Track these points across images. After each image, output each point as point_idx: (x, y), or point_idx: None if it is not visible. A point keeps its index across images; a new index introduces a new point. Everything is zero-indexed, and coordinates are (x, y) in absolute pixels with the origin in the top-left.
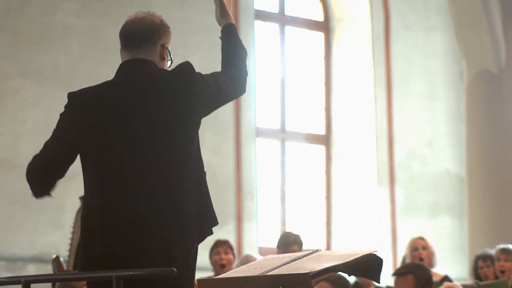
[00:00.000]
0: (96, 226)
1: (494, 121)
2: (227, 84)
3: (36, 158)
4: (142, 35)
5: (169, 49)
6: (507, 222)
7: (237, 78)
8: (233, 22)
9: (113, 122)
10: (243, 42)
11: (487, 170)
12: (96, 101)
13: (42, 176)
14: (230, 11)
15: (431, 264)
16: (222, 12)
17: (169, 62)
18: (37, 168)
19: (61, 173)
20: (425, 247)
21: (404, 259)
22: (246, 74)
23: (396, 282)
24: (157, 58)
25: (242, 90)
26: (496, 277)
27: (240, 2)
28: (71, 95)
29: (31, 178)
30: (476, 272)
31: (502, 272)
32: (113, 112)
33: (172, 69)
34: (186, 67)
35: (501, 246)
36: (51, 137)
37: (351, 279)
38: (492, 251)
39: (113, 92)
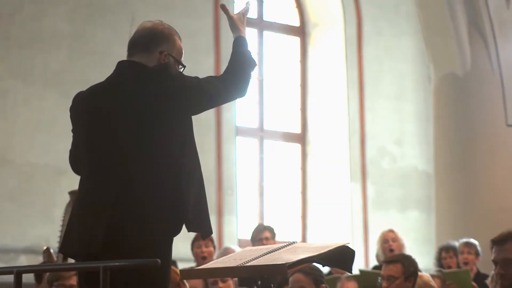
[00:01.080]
0: (72, 215)
1: (459, 121)
2: (218, 87)
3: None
4: (139, 43)
5: (173, 55)
6: (471, 216)
7: (231, 83)
8: (243, 34)
9: (94, 119)
10: (224, 46)
11: (453, 167)
12: (83, 101)
13: (73, 165)
14: (242, 25)
15: None
16: (231, 26)
17: (182, 68)
18: (70, 160)
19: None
20: (395, 239)
21: (377, 256)
22: (244, 82)
23: (384, 268)
24: (151, 63)
25: (235, 95)
26: (459, 267)
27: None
28: (74, 98)
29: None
30: (440, 263)
31: (466, 263)
32: (94, 110)
33: (153, 69)
34: (164, 68)
35: (464, 240)
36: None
37: (325, 269)
38: (455, 243)
39: (99, 92)
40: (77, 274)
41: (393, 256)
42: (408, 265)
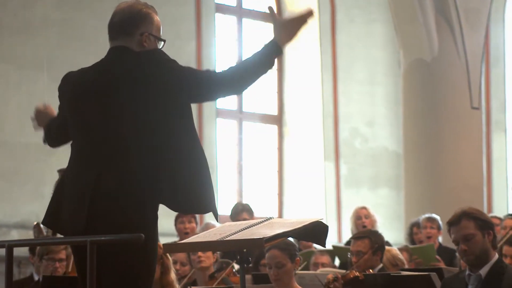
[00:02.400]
0: (56, 190)
1: (427, 104)
2: (210, 81)
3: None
4: (118, 28)
5: (153, 34)
6: (438, 193)
7: (227, 80)
8: (280, 42)
9: (82, 101)
10: (205, 33)
11: (421, 147)
12: (74, 83)
13: (47, 135)
14: (286, 31)
15: None
16: (274, 29)
17: (162, 43)
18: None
19: (63, 137)
20: (368, 216)
21: (352, 231)
22: (246, 81)
23: (353, 244)
24: (135, 46)
25: (233, 91)
26: None
27: None
28: (63, 77)
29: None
30: (411, 238)
31: (429, 237)
32: (83, 93)
33: (144, 54)
34: (157, 56)
35: (427, 215)
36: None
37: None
38: (420, 219)
39: (87, 72)
40: (72, 251)
41: (361, 232)
42: (375, 240)
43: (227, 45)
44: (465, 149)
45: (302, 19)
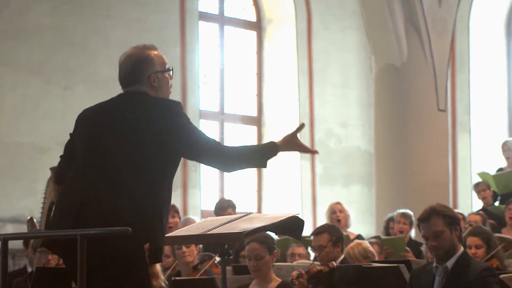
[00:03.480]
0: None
1: (397, 106)
2: (213, 151)
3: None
4: (127, 81)
5: (158, 71)
6: (407, 190)
7: (229, 157)
8: (280, 149)
9: (95, 133)
10: (189, 39)
11: (392, 147)
12: (91, 112)
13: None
14: (291, 146)
15: (347, 225)
16: (286, 139)
17: (170, 72)
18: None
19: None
20: (342, 210)
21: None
22: (236, 165)
23: (314, 240)
24: (147, 89)
25: (225, 168)
26: None
27: (186, 5)
28: (82, 112)
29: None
30: (387, 231)
31: (401, 232)
32: (98, 126)
33: (159, 102)
34: (171, 107)
35: (401, 211)
36: (64, 148)
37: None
38: (395, 214)
39: (104, 107)
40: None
41: (319, 228)
42: (334, 233)
43: (210, 51)
44: (432, 149)
45: (306, 151)
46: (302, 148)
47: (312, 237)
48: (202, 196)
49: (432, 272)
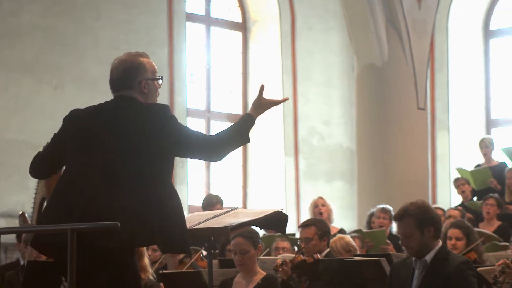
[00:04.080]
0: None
1: (378, 105)
2: (202, 146)
3: (36, 157)
4: (119, 84)
5: (149, 78)
6: (387, 186)
7: (215, 146)
8: (254, 115)
9: (89, 135)
10: (176, 40)
11: (373, 145)
12: (80, 122)
13: (37, 168)
14: (262, 109)
15: (330, 219)
16: (254, 103)
17: (160, 80)
18: (35, 163)
19: (50, 170)
20: (324, 204)
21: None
22: (226, 149)
23: (301, 232)
24: (137, 94)
25: (213, 158)
26: None
27: (174, 6)
28: (70, 112)
29: (31, 166)
30: (369, 225)
31: (381, 226)
32: (90, 123)
33: (149, 108)
34: (161, 111)
35: (381, 206)
36: (49, 144)
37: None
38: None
39: (94, 110)
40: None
41: (307, 221)
42: (321, 227)
43: (196, 51)
44: (412, 146)
45: (277, 103)
46: (272, 104)
47: (299, 230)
48: (189, 192)
49: (412, 266)
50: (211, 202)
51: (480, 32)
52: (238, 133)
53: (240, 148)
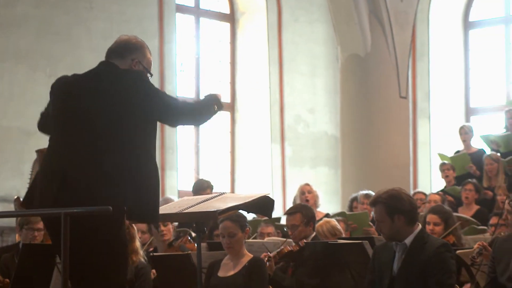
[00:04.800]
0: (36, 173)
1: (361, 94)
2: (177, 109)
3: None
4: (115, 51)
5: (142, 64)
6: (370, 172)
7: (188, 113)
8: (218, 95)
9: (68, 100)
10: (167, 30)
11: (356, 132)
12: (64, 86)
13: (40, 125)
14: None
15: (316, 205)
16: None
17: (149, 76)
18: (40, 120)
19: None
20: (310, 191)
21: (294, 199)
22: (203, 115)
23: (287, 219)
24: (123, 66)
25: (191, 120)
26: None
27: None
28: (57, 79)
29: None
30: (351, 210)
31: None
32: (70, 97)
33: (128, 72)
34: (138, 75)
35: (364, 192)
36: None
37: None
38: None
39: (77, 78)
40: (44, 225)
41: (292, 208)
42: (306, 213)
43: (186, 41)
44: (394, 133)
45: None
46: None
47: (285, 217)
48: (179, 177)
49: (393, 249)
50: (202, 187)
51: (460, 23)
52: (214, 100)
53: (228, 136)
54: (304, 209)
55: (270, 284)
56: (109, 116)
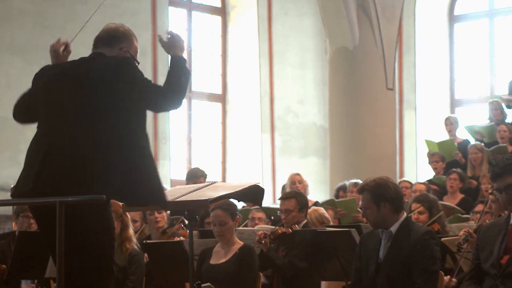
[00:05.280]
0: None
1: (349, 85)
2: (157, 94)
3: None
4: (102, 39)
5: (130, 53)
6: (357, 162)
7: (169, 95)
8: (178, 53)
9: (52, 91)
10: (160, 24)
11: (344, 123)
12: (48, 74)
13: (16, 106)
14: (175, 47)
15: (306, 194)
16: (165, 48)
17: (136, 64)
18: (16, 104)
19: (28, 115)
20: (301, 181)
21: (283, 187)
22: (179, 95)
23: (282, 203)
24: (111, 54)
25: (171, 106)
26: None
27: None
28: (41, 68)
29: (14, 108)
30: (337, 198)
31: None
32: (54, 84)
33: (114, 58)
34: (121, 62)
35: (353, 181)
36: (28, 90)
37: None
38: (347, 183)
39: (62, 66)
40: (32, 213)
41: (288, 193)
42: (301, 200)
43: (178, 33)
44: (381, 124)
45: (177, 36)
46: (177, 38)
47: (280, 201)
48: (171, 167)
49: (379, 236)
50: (196, 175)
51: (445, 17)
52: (180, 72)
53: (220, 126)
54: (299, 196)
55: (264, 260)
56: (92, 101)
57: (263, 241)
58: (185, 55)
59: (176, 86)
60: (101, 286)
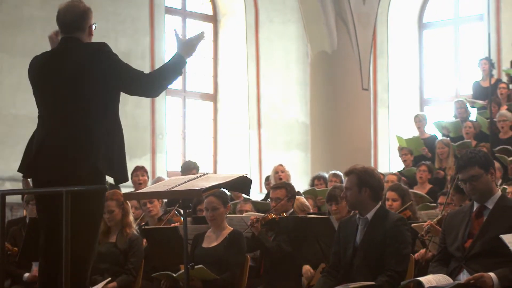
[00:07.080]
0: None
1: (328, 86)
2: (140, 80)
3: None
4: (73, 26)
5: (94, 23)
6: (336, 155)
7: (151, 83)
8: (184, 55)
9: (42, 81)
10: (157, 30)
11: (324, 120)
12: (36, 66)
13: None
14: (189, 48)
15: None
16: (177, 44)
17: (94, 25)
18: None
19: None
20: (283, 171)
21: (267, 178)
22: (161, 86)
23: (272, 192)
24: (86, 36)
25: (151, 93)
26: None
27: (155, 0)
28: (30, 61)
29: None
30: (312, 187)
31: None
32: (42, 74)
33: (93, 46)
34: (102, 48)
35: (333, 171)
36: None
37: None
38: (324, 174)
39: (46, 58)
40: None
41: (279, 183)
42: (290, 190)
43: (174, 40)
44: (357, 121)
45: (198, 39)
46: (195, 41)
47: (271, 191)
48: (167, 160)
49: (356, 223)
50: (189, 167)
51: (415, 24)
52: (174, 70)
53: (211, 123)
54: (289, 186)
55: (255, 242)
56: (75, 89)
57: (255, 225)
58: (189, 60)
59: (164, 78)
60: (83, 260)
